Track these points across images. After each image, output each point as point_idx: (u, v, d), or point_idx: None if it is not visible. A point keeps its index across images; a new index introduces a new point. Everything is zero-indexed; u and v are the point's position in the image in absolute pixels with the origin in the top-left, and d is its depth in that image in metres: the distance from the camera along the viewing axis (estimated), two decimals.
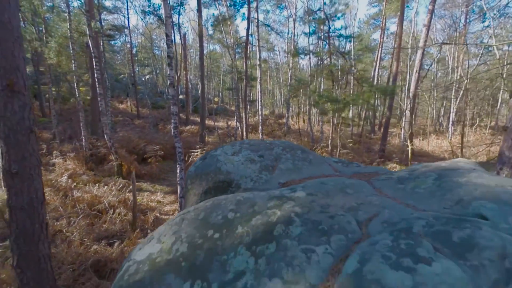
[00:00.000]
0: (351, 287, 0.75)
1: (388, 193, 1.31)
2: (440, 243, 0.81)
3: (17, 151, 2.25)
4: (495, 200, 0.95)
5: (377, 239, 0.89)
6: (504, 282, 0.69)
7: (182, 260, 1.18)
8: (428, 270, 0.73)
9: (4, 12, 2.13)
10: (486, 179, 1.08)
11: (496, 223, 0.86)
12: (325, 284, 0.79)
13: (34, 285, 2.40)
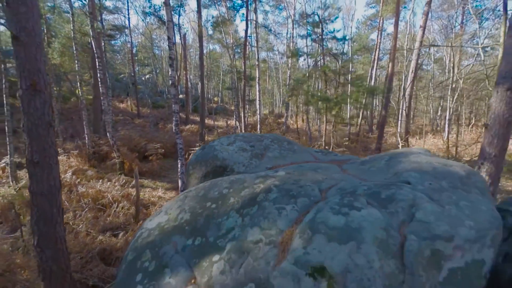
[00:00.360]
0: (307, 228, 1.06)
1: (351, 172, 1.61)
2: (371, 199, 1.12)
3: (38, 143, 2.56)
4: (419, 171, 1.25)
5: (330, 199, 1.20)
6: (408, 221, 1.00)
7: (186, 225, 1.49)
8: (357, 214, 1.04)
9: (28, 21, 2.45)
10: (421, 158, 1.39)
11: (415, 186, 1.17)
12: (290, 229, 1.10)
13: (52, 263, 2.71)
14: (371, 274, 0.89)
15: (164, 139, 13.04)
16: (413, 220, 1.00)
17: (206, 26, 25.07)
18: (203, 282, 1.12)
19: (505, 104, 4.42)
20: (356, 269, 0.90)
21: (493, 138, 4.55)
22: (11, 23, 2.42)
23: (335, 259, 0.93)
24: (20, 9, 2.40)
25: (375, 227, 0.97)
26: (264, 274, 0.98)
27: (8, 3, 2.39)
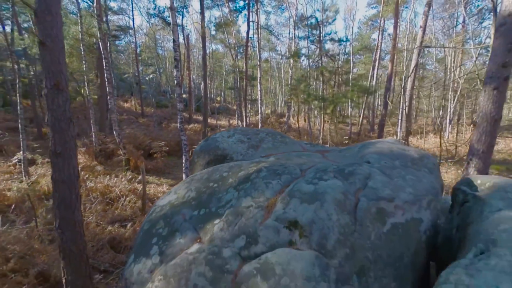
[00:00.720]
0: (286, 195, 1.36)
1: (330, 158, 1.90)
2: (337, 174, 1.42)
3: (61, 136, 2.89)
4: (379, 153, 1.55)
5: (307, 175, 1.50)
6: (363, 188, 1.30)
7: (192, 201, 1.80)
8: (324, 183, 1.34)
9: (53, 28, 2.78)
10: (385, 145, 1.68)
11: (373, 164, 1.46)
12: (275, 198, 1.40)
13: (71, 243, 3.05)
14: (330, 224, 1.19)
15: (168, 138, 13.40)
16: (366, 187, 1.31)
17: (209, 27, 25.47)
18: (206, 239, 1.43)
19: (492, 103, 4.69)
20: (319, 221, 1.20)
21: (481, 135, 4.81)
22: (38, 30, 2.76)
23: (305, 215, 1.24)
24: (46, 18, 2.74)
25: (335, 192, 1.28)
26: (253, 229, 1.29)
27: (36, 13, 2.73)
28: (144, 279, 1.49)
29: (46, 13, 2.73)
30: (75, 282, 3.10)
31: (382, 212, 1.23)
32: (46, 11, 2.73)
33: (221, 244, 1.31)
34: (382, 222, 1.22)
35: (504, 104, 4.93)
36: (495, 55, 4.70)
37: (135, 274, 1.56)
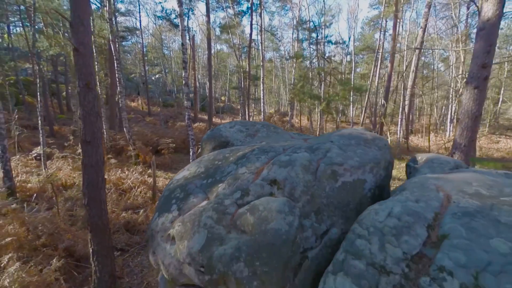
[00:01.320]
0: (270, 164, 1.88)
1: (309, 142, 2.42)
2: (307, 149, 1.93)
3: (90, 127, 3.46)
4: (340, 136, 2.05)
5: (287, 152, 2.02)
6: (323, 158, 1.82)
7: (202, 174, 2.34)
8: (296, 155, 1.86)
9: (85, 37, 3.35)
10: (349, 130, 2.19)
11: (334, 142, 1.98)
12: (262, 167, 1.92)
13: (97, 219, 3.61)
14: (297, 181, 1.70)
15: (174, 135, 14.00)
16: (325, 157, 1.82)
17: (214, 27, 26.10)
18: (212, 197, 1.96)
19: (473, 101, 5.16)
20: (290, 178, 1.71)
21: (463, 130, 5.28)
22: (72, 38, 3.33)
23: (281, 175, 1.75)
24: (80, 29, 3.31)
25: (303, 160, 1.79)
26: (246, 186, 1.81)
27: (71, 24, 3.30)
28: (166, 227, 2.03)
29: (80, 24, 3.30)
30: (100, 251, 3.67)
31: (335, 173, 1.74)
32: (79, 23, 3.30)
33: (223, 197, 1.84)
34: (335, 180, 1.72)
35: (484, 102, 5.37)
36: (476, 57, 5.16)
37: (159, 225, 2.09)
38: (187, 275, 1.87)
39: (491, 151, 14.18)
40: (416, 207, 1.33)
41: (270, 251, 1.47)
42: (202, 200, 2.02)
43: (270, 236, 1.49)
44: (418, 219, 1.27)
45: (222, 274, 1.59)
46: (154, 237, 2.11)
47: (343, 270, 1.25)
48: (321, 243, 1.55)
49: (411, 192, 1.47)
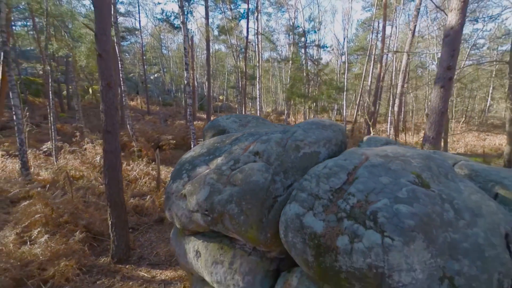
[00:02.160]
0: (254, 142, 2.64)
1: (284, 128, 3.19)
2: (281, 132, 2.67)
3: (110, 119, 4.21)
4: (305, 123, 2.82)
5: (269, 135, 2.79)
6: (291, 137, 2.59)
7: (204, 153, 3.10)
8: (272, 135, 2.59)
9: (106, 45, 4.10)
10: (314, 119, 2.95)
11: (300, 127, 2.74)
12: (249, 144, 2.68)
13: (115, 196, 4.36)
14: (272, 152, 2.45)
15: (174, 133, 14.70)
16: (292, 136, 2.58)
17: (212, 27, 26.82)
18: (213, 166, 2.71)
19: (440, 99, 5.93)
20: (267, 150, 2.45)
21: (431, 125, 6.05)
22: (97, 46, 4.07)
23: (261, 148, 2.51)
24: (103, 38, 4.05)
25: (276, 138, 2.53)
26: (237, 157, 2.56)
27: (96, 34, 4.04)
28: (179, 189, 2.78)
29: (103, 34, 4.05)
30: (117, 224, 4.42)
31: (298, 147, 2.49)
32: (103, 33, 4.04)
33: (221, 165, 2.59)
34: (298, 151, 2.47)
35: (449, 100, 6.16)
36: (442, 60, 5.94)
37: (174, 188, 2.85)
38: (194, 221, 2.63)
39: (476, 147, 15.03)
40: (343, 163, 2.08)
41: (252, 195, 2.23)
42: (206, 169, 2.77)
43: (252, 185, 2.24)
44: (342, 169, 2.02)
45: (220, 213, 2.35)
46: (170, 198, 2.87)
47: (294, 200, 2.00)
48: (286, 192, 2.31)
49: (344, 155, 2.22)
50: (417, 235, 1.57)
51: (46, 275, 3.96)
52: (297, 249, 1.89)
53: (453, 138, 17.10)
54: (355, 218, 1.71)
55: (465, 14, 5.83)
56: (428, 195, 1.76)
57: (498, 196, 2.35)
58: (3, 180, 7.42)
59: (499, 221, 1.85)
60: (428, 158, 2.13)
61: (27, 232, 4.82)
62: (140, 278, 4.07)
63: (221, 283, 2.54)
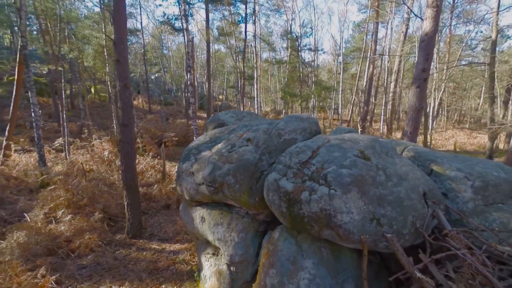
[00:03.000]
0: (247, 131, 3.40)
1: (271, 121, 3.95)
2: (268, 124, 3.43)
3: (126, 115, 4.97)
4: (287, 117, 3.57)
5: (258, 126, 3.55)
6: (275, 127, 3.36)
7: (208, 141, 3.87)
8: (260, 126, 3.36)
9: (124, 52, 4.87)
10: (294, 114, 3.67)
11: (283, 120, 3.50)
12: (243, 134, 3.44)
13: (130, 180, 5.13)
14: (260, 138, 3.19)
15: (176, 131, 15.46)
16: (276, 126, 3.35)
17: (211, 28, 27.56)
18: (214, 150, 3.48)
19: (416, 98, 6.69)
20: (256, 137, 3.20)
21: (409, 121, 6.81)
22: (115, 53, 4.84)
23: (252, 135, 3.26)
24: (120, 46, 4.82)
25: (264, 128, 3.27)
26: (234, 143, 3.31)
27: (114, 43, 4.81)
28: (188, 168, 3.55)
29: (120, 43, 4.82)
30: (132, 204, 5.19)
31: (280, 134, 3.25)
32: (120, 42, 4.81)
33: (221, 149, 3.36)
34: (280, 138, 3.24)
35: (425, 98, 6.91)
36: (418, 63, 6.70)
37: (184, 168, 3.62)
38: (200, 192, 3.40)
39: (466, 145, 15.78)
40: (310, 144, 2.85)
41: (244, 169, 3.00)
42: (209, 153, 3.54)
43: (244, 162, 3.01)
44: (309, 148, 2.79)
45: (220, 184, 3.12)
46: (180, 175, 3.64)
47: (273, 170, 2.76)
48: (270, 167, 3.09)
49: (312, 139, 2.99)
50: (353, 188, 2.34)
51: (72, 246, 4.73)
52: (275, 204, 2.66)
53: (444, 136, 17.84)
54: (313, 179, 2.49)
55: (438, 22, 6.60)
56: (365, 164, 2.53)
57: (433, 170, 3.13)
58: (22, 171, 8.20)
59: (420, 184, 2.63)
60: (374, 141, 2.91)
61: (52, 213, 5.59)
62: (152, 249, 4.84)
63: (221, 240, 3.31)
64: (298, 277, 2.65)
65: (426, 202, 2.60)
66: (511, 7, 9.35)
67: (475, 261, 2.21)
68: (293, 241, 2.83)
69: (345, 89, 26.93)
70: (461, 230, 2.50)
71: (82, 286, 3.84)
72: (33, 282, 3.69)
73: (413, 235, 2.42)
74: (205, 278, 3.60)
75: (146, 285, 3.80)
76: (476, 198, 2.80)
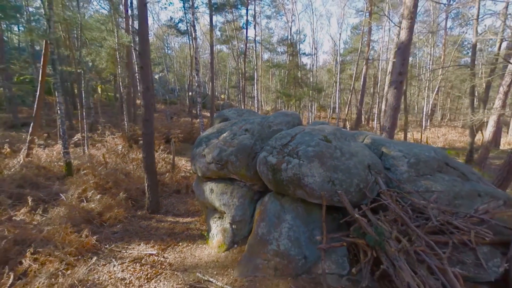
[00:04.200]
0: (245, 124, 4.57)
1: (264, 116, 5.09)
2: (262, 118, 4.61)
3: (148, 111, 6.16)
4: (277, 113, 4.69)
5: (254, 120, 4.71)
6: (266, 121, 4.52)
7: (215, 132, 5.06)
8: (256, 119, 4.52)
9: (146, 60, 6.07)
10: (281, 111, 4.81)
11: (273, 115, 4.66)
12: (243, 125, 4.60)
13: (150, 165, 6.32)
14: (255, 128, 4.31)
15: (181, 128, 16.66)
16: (267, 120, 4.50)
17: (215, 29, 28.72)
18: (220, 138, 4.64)
19: (393, 97, 7.82)
20: (252, 128, 4.33)
21: (387, 117, 7.94)
22: (139, 60, 6.03)
23: (249, 127, 4.41)
24: (144, 55, 6.01)
25: (258, 121, 4.40)
26: (235, 132, 4.45)
27: (139, 53, 6.00)
28: (200, 152, 4.73)
29: (143, 54, 6.01)
30: (151, 185, 6.37)
31: (270, 125, 4.39)
32: (143, 53, 6.00)
33: (226, 137, 4.52)
34: (270, 128, 4.37)
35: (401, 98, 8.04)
36: (395, 67, 7.84)
37: (197, 152, 4.79)
38: (210, 169, 4.59)
39: (456, 142, 16.85)
40: (290, 131, 4.00)
41: (242, 151, 4.17)
42: (216, 140, 4.72)
43: (243, 145, 4.18)
44: (288, 135, 3.94)
45: (225, 162, 4.30)
46: (194, 157, 4.82)
47: (263, 150, 3.93)
48: (263, 149, 4.25)
49: (293, 129, 4.17)
50: (315, 159, 3.50)
51: (104, 218, 5.92)
52: (264, 173, 3.84)
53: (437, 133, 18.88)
54: (290, 155, 3.66)
55: (412, 31, 7.74)
56: (326, 144, 3.69)
57: (383, 152, 4.28)
58: (48, 162, 9.43)
59: (366, 159, 3.78)
60: (336, 130, 4.07)
61: (83, 194, 6.79)
62: (168, 221, 6.02)
63: (225, 205, 4.49)
64: (281, 227, 3.83)
65: (370, 172, 3.76)
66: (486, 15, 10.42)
67: (397, 208, 3.36)
68: (278, 202, 4.00)
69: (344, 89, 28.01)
70: (393, 191, 3.66)
71: (117, 244, 5.03)
72: (80, 240, 4.88)
73: (358, 193, 3.58)
74: (213, 236, 4.78)
75: (167, 242, 4.98)
76: (410, 170, 3.95)
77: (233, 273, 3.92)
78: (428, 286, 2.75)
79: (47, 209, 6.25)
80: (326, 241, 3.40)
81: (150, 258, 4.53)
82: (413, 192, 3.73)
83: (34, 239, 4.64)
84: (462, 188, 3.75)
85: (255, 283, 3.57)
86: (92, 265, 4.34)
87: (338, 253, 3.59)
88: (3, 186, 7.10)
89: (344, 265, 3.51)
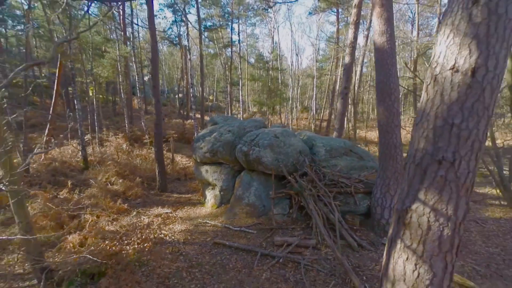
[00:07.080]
0: (229, 127, 7.28)
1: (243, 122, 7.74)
2: (239, 123, 7.32)
3: (158, 117, 8.78)
4: (248, 120, 7.37)
5: (235, 124, 7.42)
6: (243, 124, 7.27)
7: (208, 132, 7.76)
8: (236, 123, 7.24)
9: (157, 79, 8.71)
10: (253, 118, 7.43)
11: (247, 121, 7.36)
12: (227, 128, 7.31)
13: (160, 156, 8.94)
14: (235, 130, 6.97)
15: (174, 129, 19.12)
16: (243, 124, 7.21)
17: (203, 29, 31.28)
18: (212, 136, 7.33)
19: (341, 105, 10.71)
20: (233, 129, 7.02)
21: (337, 120, 10.84)
22: (151, 71, 8.67)
23: (231, 129, 7.16)
24: (155, 77, 8.65)
25: (237, 125, 7.09)
26: (222, 132, 7.14)
27: (152, 75, 8.63)
28: (199, 145, 7.41)
29: (155, 76, 8.64)
30: (160, 171, 8.99)
31: (244, 128, 7.06)
32: (155, 75, 8.63)
33: (216, 135, 7.17)
34: (244, 130, 7.03)
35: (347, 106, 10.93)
36: (342, 82, 10.72)
37: (197, 145, 7.46)
38: (206, 157, 7.29)
39: None
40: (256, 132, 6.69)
41: (227, 144, 6.85)
42: (209, 137, 7.43)
43: (227, 141, 6.84)
44: (255, 134, 6.62)
45: (216, 151, 6.98)
46: (195, 149, 7.49)
47: (240, 143, 6.62)
48: (240, 143, 6.97)
49: (257, 131, 6.90)
50: (268, 148, 6.27)
51: (127, 195, 8.49)
52: (240, 157, 6.59)
53: None
54: (255, 146, 6.42)
55: (354, 56, 10.67)
56: (276, 139, 6.47)
57: (313, 144, 7.11)
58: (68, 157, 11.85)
59: (298, 148, 6.59)
60: (284, 130, 6.87)
61: (107, 179, 9.32)
62: (174, 196, 8.65)
63: (216, 179, 7.21)
64: (250, 189, 6.57)
65: (301, 155, 6.56)
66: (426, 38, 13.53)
67: (311, 174, 6.18)
68: (249, 175, 6.74)
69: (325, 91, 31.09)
70: (314, 166, 6.47)
71: (142, 208, 7.63)
72: (117, 206, 7.46)
73: (292, 167, 6.36)
74: (208, 201, 7.46)
75: (176, 207, 7.63)
76: (326, 154, 6.78)
77: (221, 218, 6.63)
78: (322, 211, 5.56)
79: (82, 191, 8.77)
80: (275, 194, 6.18)
81: (166, 214, 7.18)
82: (326, 168, 6.55)
83: (88, 205, 7.20)
84: (356, 164, 6.61)
85: (234, 221, 6.30)
86: (129, 218, 6.96)
87: (282, 203, 6.37)
88: (42, 175, 9.55)
89: (285, 209, 6.29)
